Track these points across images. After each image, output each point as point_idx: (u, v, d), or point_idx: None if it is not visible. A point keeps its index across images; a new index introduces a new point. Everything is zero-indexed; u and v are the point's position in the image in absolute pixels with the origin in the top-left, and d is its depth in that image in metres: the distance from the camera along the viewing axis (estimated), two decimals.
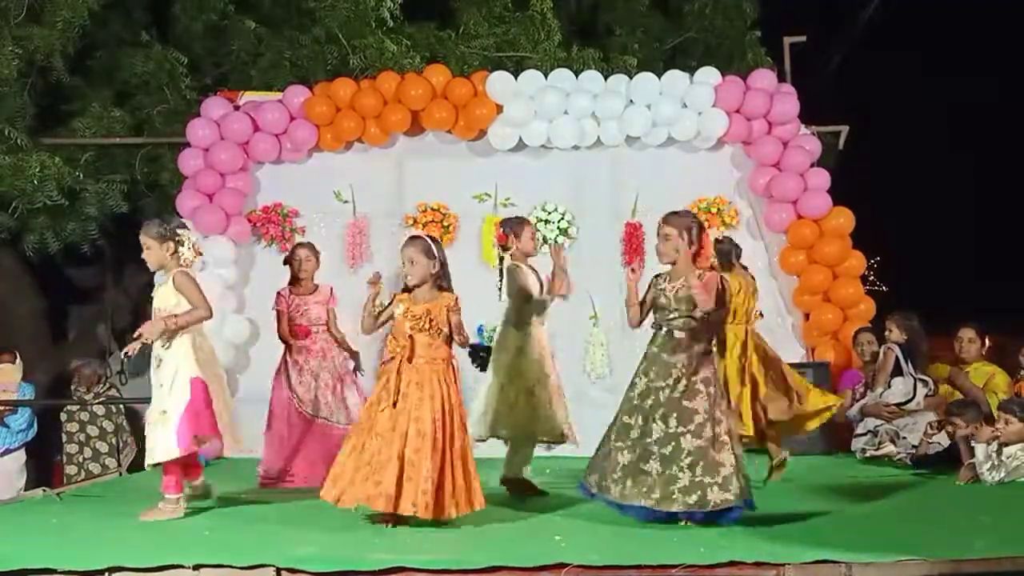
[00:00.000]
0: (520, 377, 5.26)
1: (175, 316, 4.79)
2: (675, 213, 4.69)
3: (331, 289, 6.32)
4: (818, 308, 7.74)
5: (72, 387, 8.11)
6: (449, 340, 4.62)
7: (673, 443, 4.39)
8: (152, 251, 4.88)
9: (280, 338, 6.23)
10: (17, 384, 7.62)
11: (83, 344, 9.52)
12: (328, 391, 6.11)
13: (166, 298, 4.84)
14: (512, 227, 5.43)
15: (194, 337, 4.85)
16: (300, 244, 6.42)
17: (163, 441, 4.66)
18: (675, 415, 4.43)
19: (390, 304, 4.63)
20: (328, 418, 6.08)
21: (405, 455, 4.36)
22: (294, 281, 6.24)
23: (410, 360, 4.50)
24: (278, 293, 6.27)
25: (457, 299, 4.64)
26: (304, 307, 6.23)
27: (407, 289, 4.62)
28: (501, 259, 5.42)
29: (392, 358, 4.55)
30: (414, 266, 4.58)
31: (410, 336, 4.53)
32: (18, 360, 7.68)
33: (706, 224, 4.78)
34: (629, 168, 7.91)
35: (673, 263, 4.60)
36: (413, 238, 4.71)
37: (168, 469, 4.75)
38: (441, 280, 4.63)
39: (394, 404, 4.43)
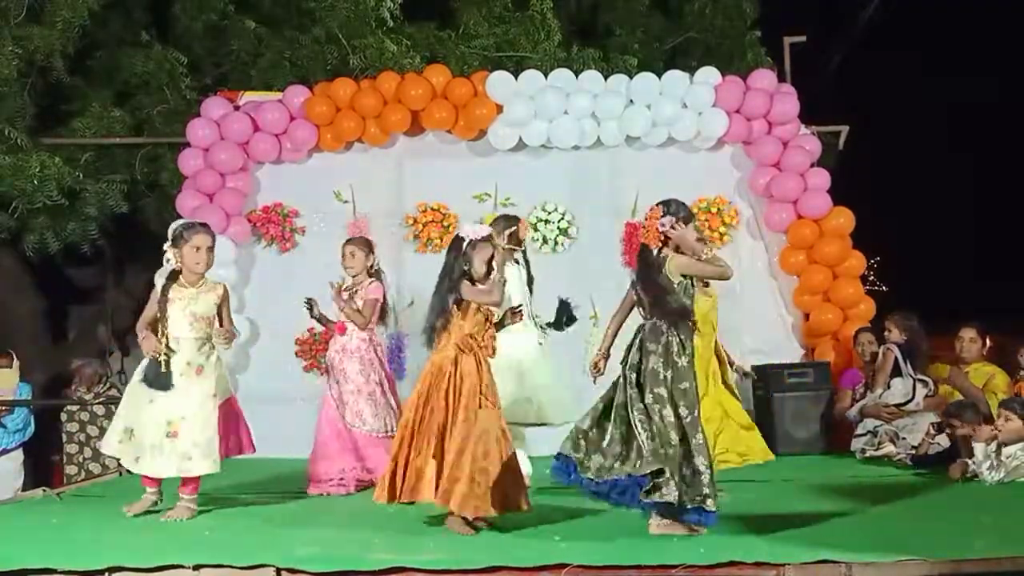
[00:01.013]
0: None
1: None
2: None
3: (374, 285, 5.97)
4: (818, 308, 7.74)
5: (72, 387, 8.11)
6: None
7: None
8: (212, 254, 5.00)
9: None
10: (14, 387, 7.62)
11: (83, 344, 9.53)
12: (359, 396, 5.85)
13: (209, 306, 4.93)
14: None
15: None
16: (347, 241, 6.18)
17: (211, 447, 4.76)
18: None
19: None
20: (351, 423, 5.85)
21: (502, 455, 4.40)
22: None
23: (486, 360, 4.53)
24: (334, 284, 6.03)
25: None
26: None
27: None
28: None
29: (462, 351, 4.48)
30: (484, 268, 4.60)
31: (487, 335, 4.55)
32: (15, 363, 7.67)
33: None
34: (629, 168, 7.91)
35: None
36: (490, 240, 4.68)
37: None
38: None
39: (487, 403, 4.45)
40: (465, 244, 4.55)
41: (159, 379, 4.77)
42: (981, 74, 11.43)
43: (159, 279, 5.00)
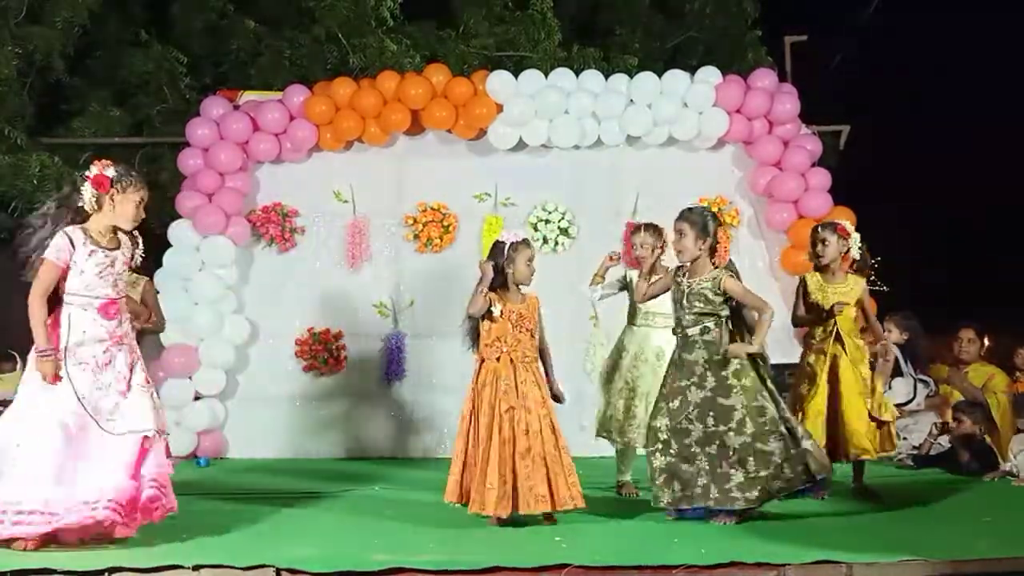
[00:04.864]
0: (620, 380, 5.47)
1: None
2: (689, 209, 4.72)
3: (139, 240, 4.47)
4: None
5: None
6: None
7: (718, 441, 4.47)
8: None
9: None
10: (16, 389, 7.60)
11: None
12: (115, 391, 4.33)
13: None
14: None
15: None
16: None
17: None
18: (712, 414, 4.49)
19: (483, 296, 4.61)
20: (102, 425, 4.22)
21: (546, 453, 4.48)
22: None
23: (521, 360, 4.60)
24: (66, 235, 4.35)
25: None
26: (107, 265, 4.36)
27: (492, 288, 4.66)
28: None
29: (498, 358, 4.59)
30: (528, 268, 4.71)
31: (519, 336, 4.62)
32: (19, 366, 7.66)
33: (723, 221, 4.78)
34: (629, 168, 7.90)
35: (694, 260, 4.64)
36: (528, 243, 4.77)
37: None
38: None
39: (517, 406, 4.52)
40: (507, 247, 4.68)
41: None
42: (980, 73, 11.44)
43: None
